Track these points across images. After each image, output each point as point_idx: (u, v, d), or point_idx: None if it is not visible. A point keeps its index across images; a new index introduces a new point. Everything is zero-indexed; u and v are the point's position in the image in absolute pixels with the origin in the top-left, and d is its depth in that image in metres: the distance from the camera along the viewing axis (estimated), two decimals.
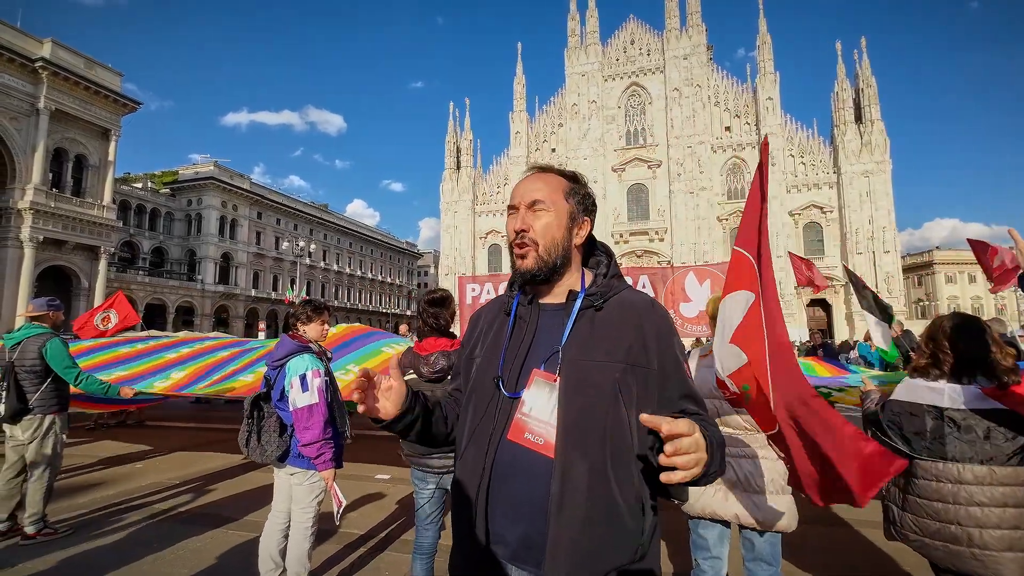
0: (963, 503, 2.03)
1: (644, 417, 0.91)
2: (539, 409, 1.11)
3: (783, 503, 2.26)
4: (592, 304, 1.18)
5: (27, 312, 4.49)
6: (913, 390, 2.17)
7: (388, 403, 1.15)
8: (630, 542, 1.07)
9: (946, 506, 2.06)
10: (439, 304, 2.97)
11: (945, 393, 2.07)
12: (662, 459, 0.90)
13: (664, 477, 0.90)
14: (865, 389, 2.66)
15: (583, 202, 1.25)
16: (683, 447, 0.89)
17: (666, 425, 0.89)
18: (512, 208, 1.23)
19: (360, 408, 1.12)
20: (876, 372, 6.75)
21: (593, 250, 1.31)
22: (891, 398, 2.25)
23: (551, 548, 1.03)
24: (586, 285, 1.22)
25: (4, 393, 4.17)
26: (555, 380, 1.12)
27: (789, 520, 2.25)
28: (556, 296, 1.24)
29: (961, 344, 2.07)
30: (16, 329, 4.52)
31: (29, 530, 4.09)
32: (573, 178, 1.27)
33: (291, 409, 2.95)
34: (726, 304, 1.95)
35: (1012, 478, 1.99)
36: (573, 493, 1.04)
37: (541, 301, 1.24)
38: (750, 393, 1.85)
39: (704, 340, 7.90)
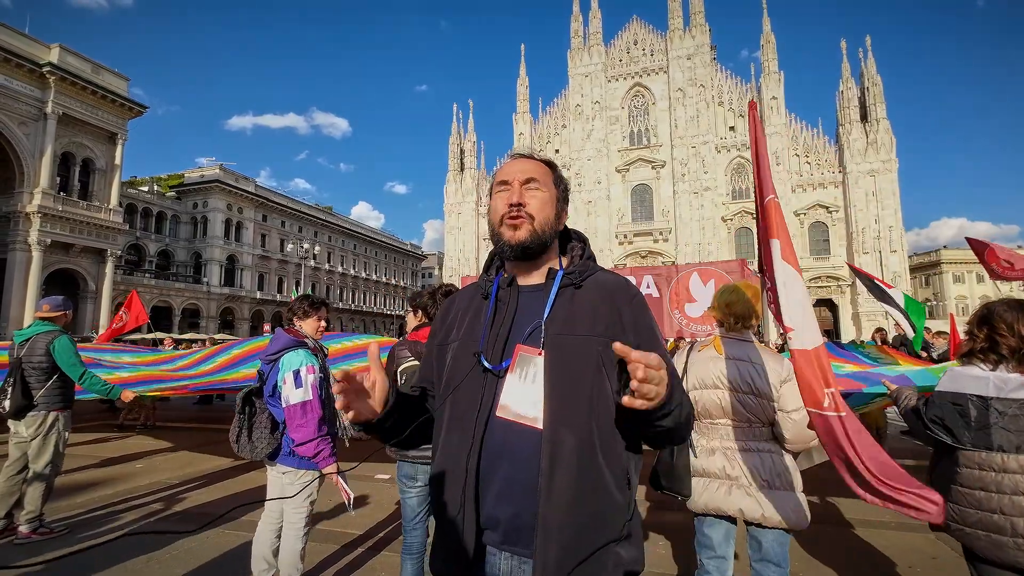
0: (1007, 492, 1.99)
1: (617, 346, 0.90)
2: (526, 383, 1.10)
3: (791, 500, 2.17)
4: (571, 282, 1.20)
5: (44, 311, 4.49)
6: (957, 379, 2.11)
7: (373, 401, 1.10)
8: (618, 517, 1.07)
9: (988, 495, 2.02)
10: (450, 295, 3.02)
11: (990, 382, 2.01)
12: (632, 384, 0.89)
13: (626, 401, 0.90)
14: (892, 389, 2.59)
15: (564, 191, 1.29)
16: (653, 363, 0.89)
17: (635, 353, 0.88)
18: (504, 184, 1.23)
19: (348, 416, 1.06)
20: (904, 366, 5.85)
21: (568, 239, 1.33)
22: (937, 389, 2.19)
23: (542, 526, 1.02)
24: (564, 266, 1.24)
25: (10, 389, 4.20)
26: (539, 354, 1.11)
27: (798, 518, 2.16)
28: (535, 277, 1.25)
29: (1021, 327, 2.01)
30: (27, 326, 4.55)
31: (24, 529, 4.07)
32: (553, 166, 1.30)
33: (284, 406, 2.89)
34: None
35: None
36: (562, 467, 1.04)
37: (520, 283, 1.25)
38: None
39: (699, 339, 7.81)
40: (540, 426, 1.06)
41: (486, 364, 1.14)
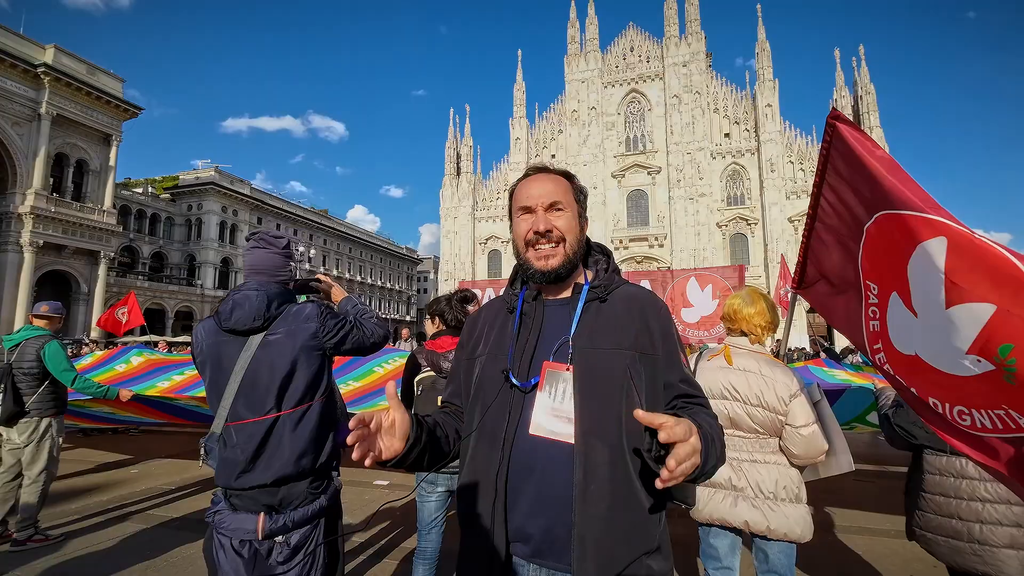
0: (965, 497, 2.02)
1: (639, 413, 0.89)
2: (556, 399, 1.11)
3: (797, 512, 2.17)
4: (597, 296, 1.21)
5: (42, 312, 4.44)
6: None
7: (394, 440, 1.02)
8: (651, 528, 1.08)
9: (947, 500, 2.07)
10: (470, 301, 3.11)
11: None
12: (663, 474, 0.88)
13: (659, 483, 0.88)
14: (877, 387, 2.62)
15: (584, 202, 1.29)
16: (681, 456, 0.88)
17: (664, 432, 0.87)
18: (526, 210, 1.22)
19: (368, 462, 0.98)
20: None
21: (589, 248, 1.33)
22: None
23: (578, 539, 1.02)
24: (589, 280, 1.25)
25: (1, 395, 4.13)
26: (568, 369, 1.12)
27: (804, 530, 2.16)
28: (561, 291, 1.26)
29: None
30: (16, 331, 4.50)
31: (19, 536, 4.01)
32: (571, 177, 1.28)
33: None
34: (912, 269, 1.55)
35: None
36: (596, 480, 1.04)
37: (546, 297, 1.26)
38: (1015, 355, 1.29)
39: (694, 345, 7.81)
40: (572, 441, 1.07)
41: (514, 381, 1.14)
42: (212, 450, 1.84)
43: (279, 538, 1.78)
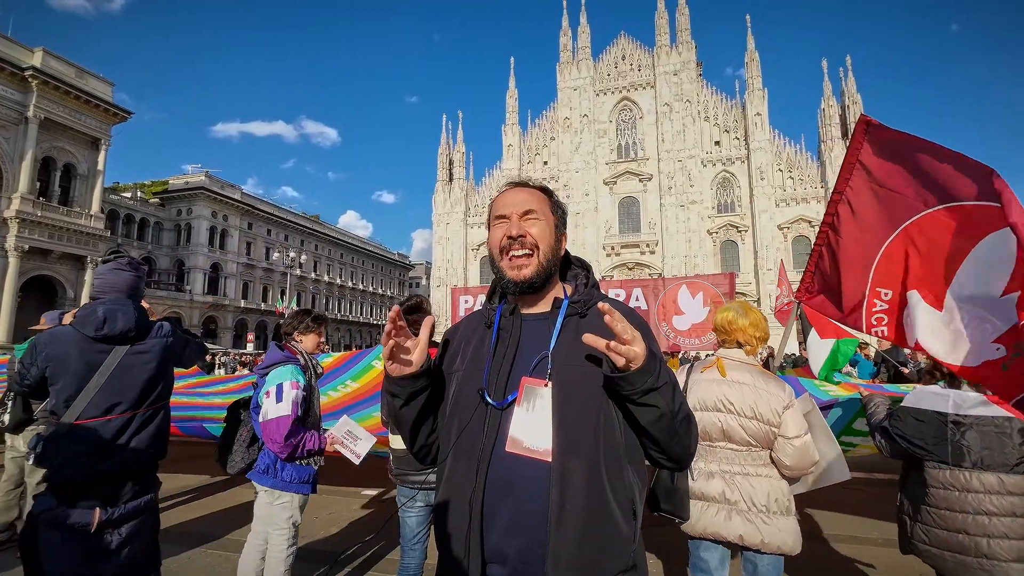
0: (971, 511, 2.02)
1: (587, 337, 0.99)
2: (534, 415, 1.09)
3: (788, 524, 2.17)
4: (576, 311, 1.20)
5: (39, 325, 4.56)
6: (921, 396, 2.19)
7: (408, 366, 1.11)
8: (625, 548, 1.07)
9: (954, 514, 2.06)
10: (416, 310, 2.90)
11: (950, 399, 2.07)
12: (615, 342, 0.97)
13: (613, 346, 0.97)
14: (864, 395, 2.64)
15: (562, 216, 1.28)
16: (627, 334, 0.97)
17: (607, 314, 0.96)
18: (501, 218, 1.23)
19: (390, 365, 1.09)
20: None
21: (568, 264, 1.33)
22: (901, 406, 2.25)
23: (552, 559, 1.01)
24: (569, 294, 1.24)
25: (10, 403, 4.19)
26: (546, 385, 1.11)
27: (794, 542, 2.17)
28: (539, 306, 1.25)
29: None
30: (27, 340, 4.61)
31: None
32: (549, 192, 1.29)
33: (261, 420, 2.82)
34: (980, 256, 1.61)
35: (1021, 487, 1.97)
36: (572, 500, 1.04)
37: (524, 311, 1.24)
38: None
39: (689, 353, 7.81)
40: (550, 459, 1.06)
41: (489, 400, 1.13)
42: (49, 448, 1.99)
43: (110, 529, 1.99)
